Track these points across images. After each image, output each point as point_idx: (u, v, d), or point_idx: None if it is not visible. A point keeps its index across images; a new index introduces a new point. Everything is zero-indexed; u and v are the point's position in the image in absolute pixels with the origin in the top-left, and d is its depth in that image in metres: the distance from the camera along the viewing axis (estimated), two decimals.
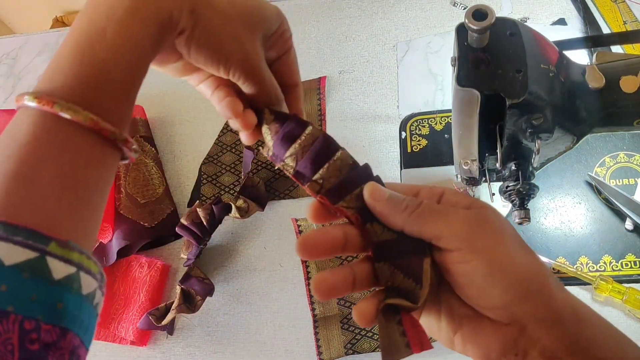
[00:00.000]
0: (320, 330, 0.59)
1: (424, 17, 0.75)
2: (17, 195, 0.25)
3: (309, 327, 0.60)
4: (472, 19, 0.38)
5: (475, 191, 0.61)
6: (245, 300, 0.63)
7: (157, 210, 0.68)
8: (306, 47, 0.77)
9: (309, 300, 0.60)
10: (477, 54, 0.41)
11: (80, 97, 0.27)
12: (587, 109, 0.45)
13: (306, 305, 0.61)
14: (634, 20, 0.67)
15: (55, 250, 0.25)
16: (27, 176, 0.25)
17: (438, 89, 0.70)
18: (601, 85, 0.44)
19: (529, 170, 0.49)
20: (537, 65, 0.42)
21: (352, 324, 0.58)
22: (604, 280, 0.54)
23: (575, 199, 0.59)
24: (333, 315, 0.59)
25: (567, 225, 0.58)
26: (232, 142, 0.73)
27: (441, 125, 0.67)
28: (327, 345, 0.58)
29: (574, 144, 0.48)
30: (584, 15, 0.69)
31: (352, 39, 0.77)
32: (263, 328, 0.62)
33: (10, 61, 0.88)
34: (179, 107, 0.78)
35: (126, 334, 0.63)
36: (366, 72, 0.74)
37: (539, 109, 0.41)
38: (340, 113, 0.72)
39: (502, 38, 0.42)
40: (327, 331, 0.59)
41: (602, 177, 0.59)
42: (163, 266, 0.66)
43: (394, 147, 0.67)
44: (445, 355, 0.56)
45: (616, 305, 0.54)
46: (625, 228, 0.57)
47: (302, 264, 0.62)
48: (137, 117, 0.74)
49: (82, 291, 0.26)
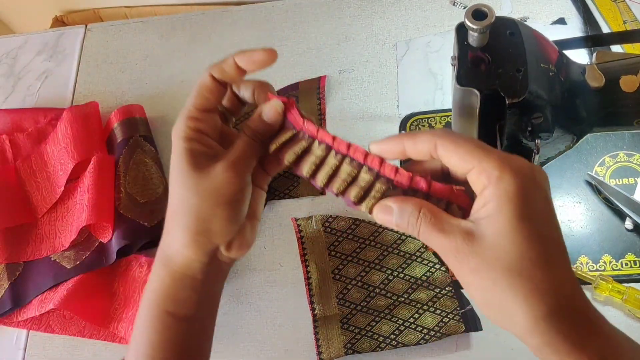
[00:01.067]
0: (320, 329, 0.59)
1: (424, 16, 0.75)
2: None
3: (308, 327, 0.60)
4: (472, 19, 0.38)
5: None
6: (245, 300, 0.63)
7: (157, 209, 0.68)
8: (306, 47, 0.77)
9: (308, 299, 0.60)
10: (477, 53, 0.41)
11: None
12: (587, 109, 0.45)
13: (306, 304, 0.61)
14: (634, 20, 0.67)
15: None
16: None
17: (438, 89, 0.70)
18: (601, 84, 0.44)
19: None
20: (537, 65, 0.42)
21: (352, 324, 0.58)
22: (603, 279, 0.54)
23: (575, 199, 0.59)
24: (333, 315, 0.59)
25: (566, 225, 0.58)
26: None
27: (441, 124, 0.67)
28: (326, 345, 0.58)
29: (573, 143, 0.48)
30: (583, 14, 0.69)
31: (351, 38, 0.77)
32: (263, 328, 0.62)
33: (10, 61, 0.88)
34: (179, 107, 0.76)
35: (126, 334, 0.63)
36: (366, 71, 0.74)
37: (538, 109, 0.41)
38: (340, 113, 0.72)
39: (502, 37, 0.42)
40: (327, 331, 0.59)
41: (602, 176, 0.59)
42: None
43: None
44: (446, 355, 0.56)
45: (616, 305, 0.54)
46: (625, 228, 0.57)
47: (302, 264, 0.62)
48: (137, 116, 0.74)
49: None
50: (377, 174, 0.32)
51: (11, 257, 0.69)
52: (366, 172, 0.33)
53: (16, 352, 0.67)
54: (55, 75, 0.85)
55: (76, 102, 0.82)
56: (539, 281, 0.27)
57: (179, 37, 0.83)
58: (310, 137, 0.35)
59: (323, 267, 0.62)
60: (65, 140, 0.71)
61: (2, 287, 0.68)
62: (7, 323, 0.67)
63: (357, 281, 0.60)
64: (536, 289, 0.27)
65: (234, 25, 0.82)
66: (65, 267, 0.67)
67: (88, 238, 0.69)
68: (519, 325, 0.28)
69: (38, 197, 0.73)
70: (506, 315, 0.29)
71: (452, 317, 0.56)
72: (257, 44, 0.79)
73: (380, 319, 0.58)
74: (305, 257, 0.63)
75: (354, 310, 0.59)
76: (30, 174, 0.74)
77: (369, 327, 0.58)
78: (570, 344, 0.27)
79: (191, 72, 0.79)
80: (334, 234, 0.63)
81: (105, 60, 0.84)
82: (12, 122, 0.79)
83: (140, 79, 0.81)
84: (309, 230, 0.64)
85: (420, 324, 0.57)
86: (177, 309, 0.35)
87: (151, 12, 0.95)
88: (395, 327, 0.57)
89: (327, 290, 0.61)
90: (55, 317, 0.66)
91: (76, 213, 0.69)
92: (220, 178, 0.33)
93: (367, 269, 0.60)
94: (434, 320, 0.56)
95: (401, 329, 0.57)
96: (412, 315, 0.57)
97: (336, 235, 0.63)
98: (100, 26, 0.88)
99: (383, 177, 0.32)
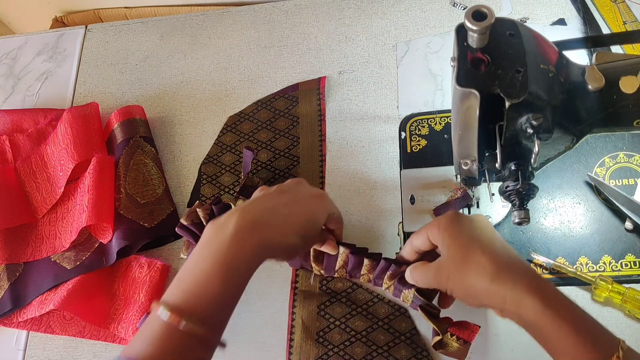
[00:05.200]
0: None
1: (424, 17, 0.75)
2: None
3: None
4: (471, 20, 0.38)
5: (475, 191, 0.61)
6: (245, 300, 0.63)
7: (157, 210, 0.68)
8: (306, 48, 0.77)
9: (287, 356, 0.59)
10: (477, 54, 0.41)
11: (207, 315, 0.42)
12: (586, 109, 0.45)
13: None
14: (634, 21, 0.67)
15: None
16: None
17: (438, 89, 0.70)
18: (601, 85, 0.44)
19: (528, 171, 0.49)
20: (537, 66, 0.42)
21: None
22: (603, 280, 0.54)
23: (575, 199, 0.59)
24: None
25: (566, 226, 0.58)
26: (231, 143, 0.73)
27: (441, 125, 0.67)
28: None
29: (573, 144, 0.48)
30: (583, 15, 0.69)
31: (351, 39, 0.77)
32: (263, 328, 0.62)
33: (10, 61, 0.88)
34: (179, 107, 0.78)
35: (126, 334, 0.63)
36: (366, 72, 0.74)
37: (538, 109, 0.41)
38: (340, 113, 0.72)
39: (502, 38, 0.42)
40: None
41: (601, 177, 0.59)
42: (163, 266, 0.66)
43: (393, 148, 0.68)
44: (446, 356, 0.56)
45: (616, 306, 0.54)
46: (625, 228, 0.57)
47: (289, 316, 0.61)
48: (137, 117, 0.74)
49: None
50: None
51: (11, 258, 0.69)
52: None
53: (16, 353, 0.67)
54: (55, 75, 0.85)
55: (76, 102, 0.82)
56: (475, 263, 0.44)
57: (179, 38, 0.83)
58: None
59: (309, 326, 0.60)
60: (65, 141, 0.71)
61: (2, 287, 0.68)
62: (7, 324, 0.67)
63: (339, 349, 0.58)
64: (479, 265, 0.44)
65: (234, 26, 0.82)
66: (65, 268, 0.67)
67: (88, 239, 0.69)
68: (483, 293, 0.44)
69: (38, 198, 0.73)
70: (473, 293, 0.44)
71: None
72: (257, 45, 0.79)
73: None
74: (294, 309, 0.61)
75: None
76: (30, 174, 0.74)
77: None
78: (517, 291, 0.42)
79: (191, 72, 0.79)
80: (329, 293, 0.61)
81: (105, 61, 0.84)
82: (12, 122, 0.79)
83: (140, 79, 0.81)
84: (305, 284, 0.62)
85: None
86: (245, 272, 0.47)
87: (151, 13, 0.95)
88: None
89: (307, 351, 0.59)
90: (55, 317, 0.66)
91: (76, 214, 0.69)
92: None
93: (353, 339, 0.58)
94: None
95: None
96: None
97: (330, 295, 0.60)
98: (100, 27, 0.88)
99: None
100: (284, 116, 0.73)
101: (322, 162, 0.69)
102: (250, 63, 0.78)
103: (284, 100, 0.74)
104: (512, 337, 0.55)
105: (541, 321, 0.41)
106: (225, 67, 0.79)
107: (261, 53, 0.79)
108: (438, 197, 0.62)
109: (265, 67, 0.78)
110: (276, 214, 0.48)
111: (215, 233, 0.46)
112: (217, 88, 0.77)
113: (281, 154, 0.70)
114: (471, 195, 0.61)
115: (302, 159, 0.70)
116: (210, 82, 0.78)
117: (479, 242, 0.45)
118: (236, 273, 0.45)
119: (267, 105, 0.74)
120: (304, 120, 0.72)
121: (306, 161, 0.69)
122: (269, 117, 0.73)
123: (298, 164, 0.69)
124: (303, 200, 0.52)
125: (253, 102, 0.75)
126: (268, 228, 0.47)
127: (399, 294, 0.54)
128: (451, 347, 0.49)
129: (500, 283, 0.43)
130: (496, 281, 0.43)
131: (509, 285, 0.42)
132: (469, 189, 0.61)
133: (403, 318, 0.58)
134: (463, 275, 0.45)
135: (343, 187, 0.67)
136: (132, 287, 0.65)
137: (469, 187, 0.60)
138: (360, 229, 0.64)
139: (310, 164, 0.69)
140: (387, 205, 0.65)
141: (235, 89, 0.77)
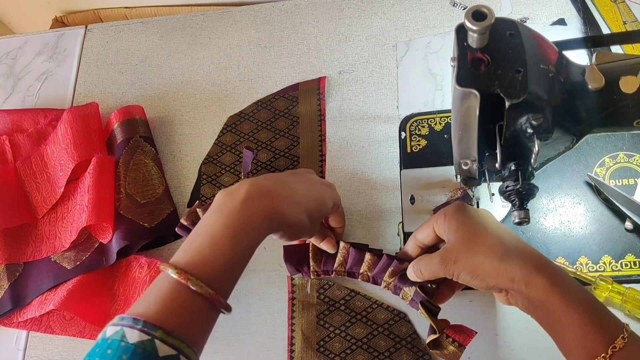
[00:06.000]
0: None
1: (424, 17, 0.75)
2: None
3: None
4: (471, 20, 0.38)
5: (475, 191, 0.61)
6: (245, 300, 0.63)
7: (157, 210, 0.68)
8: (306, 48, 0.77)
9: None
10: (477, 54, 0.41)
11: (213, 278, 0.42)
12: (586, 109, 0.45)
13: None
14: (634, 21, 0.67)
15: (162, 336, 0.38)
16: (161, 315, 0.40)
17: (437, 89, 0.70)
18: (601, 85, 0.44)
19: (528, 171, 0.49)
20: (537, 66, 0.42)
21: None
22: (603, 280, 0.54)
23: (575, 199, 0.59)
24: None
25: (566, 226, 0.58)
26: (231, 143, 0.73)
27: (441, 125, 0.67)
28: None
29: (573, 144, 0.48)
30: (583, 15, 0.69)
31: (351, 39, 0.77)
32: (263, 328, 0.62)
33: (10, 61, 0.88)
34: (179, 107, 0.78)
35: None
36: (366, 72, 0.74)
37: (538, 109, 0.41)
38: (339, 113, 0.72)
39: (502, 38, 0.42)
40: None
41: (601, 177, 0.59)
42: None
43: (393, 148, 0.68)
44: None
45: (616, 306, 0.54)
46: (625, 228, 0.57)
47: (288, 327, 0.61)
48: (137, 117, 0.74)
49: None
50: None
51: (11, 258, 0.70)
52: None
53: (16, 353, 0.67)
54: (55, 75, 0.85)
55: (76, 102, 0.82)
56: (483, 244, 0.45)
57: (179, 38, 0.83)
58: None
59: (309, 336, 0.60)
60: (65, 141, 0.71)
61: (2, 287, 0.68)
62: (7, 324, 0.67)
63: (341, 358, 0.58)
64: (488, 246, 0.45)
65: (234, 26, 0.82)
66: (65, 268, 0.67)
67: (88, 239, 0.69)
68: (492, 272, 0.44)
69: (38, 198, 0.73)
70: (481, 273, 0.45)
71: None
72: (257, 45, 0.79)
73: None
74: (292, 320, 0.61)
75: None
76: (30, 174, 0.74)
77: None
78: (526, 270, 0.43)
79: (191, 72, 0.79)
80: (327, 302, 0.61)
81: (105, 61, 0.84)
82: (12, 122, 0.79)
83: (140, 79, 0.81)
84: (302, 294, 0.62)
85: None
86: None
87: (151, 13, 0.95)
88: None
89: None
90: (55, 317, 0.66)
91: (76, 214, 0.69)
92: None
93: (354, 346, 0.58)
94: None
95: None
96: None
97: (329, 304, 0.60)
98: (100, 27, 0.88)
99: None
100: (284, 116, 0.73)
101: (322, 162, 0.69)
102: (250, 63, 0.78)
103: (284, 100, 0.74)
104: (512, 337, 0.55)
105: (549, 299, 0.42)
106: (225, 67, 0.79)
107: (261, 53, 0.79)
108: (438, 197, 0.62)
109: (265, 67, 0.78)
110: (287, 187, 0.50)
111: (226, 199, 0.46)
112: (217, 88, 0.77)
113: (281, 154, 0.70)
114: (471, 195, 0.61)
115: (302, 159, 0.70)
116: (210, 82, 0.78)
117: (486, 226, 0.47)
118: (245, 237, 0.45)
119: (267, 105, 0.74)
120: (304, 120, 0.72)
121: (306, 161, 0.69)
122: (269, 117, 0.73)
123: (298, 164, 0.69)
124: (313, 184, 0.54)
125: (253, 102, 0.75)
126: (279, 197, 0.48)
127: (399, 292, 0.54)
128: (446, 350, 0.49)
129: (509, 262, 0.43)
130: (505, 260, 0.44)
131: (519, 263, 0.43)
132: (469, 189, 0.61)
133: (403, 323, 0.58)
134: (471, 256, 0.45)
135: (343, 187, 0.67)
136: (132, 287, 0.65)
137: (469, 187, 0.60)
138: (360, 229, 0.64)
139: (310, 164, 0.69)
140: (387, 205, 0.65)
141: (235, 89, 0.77)
